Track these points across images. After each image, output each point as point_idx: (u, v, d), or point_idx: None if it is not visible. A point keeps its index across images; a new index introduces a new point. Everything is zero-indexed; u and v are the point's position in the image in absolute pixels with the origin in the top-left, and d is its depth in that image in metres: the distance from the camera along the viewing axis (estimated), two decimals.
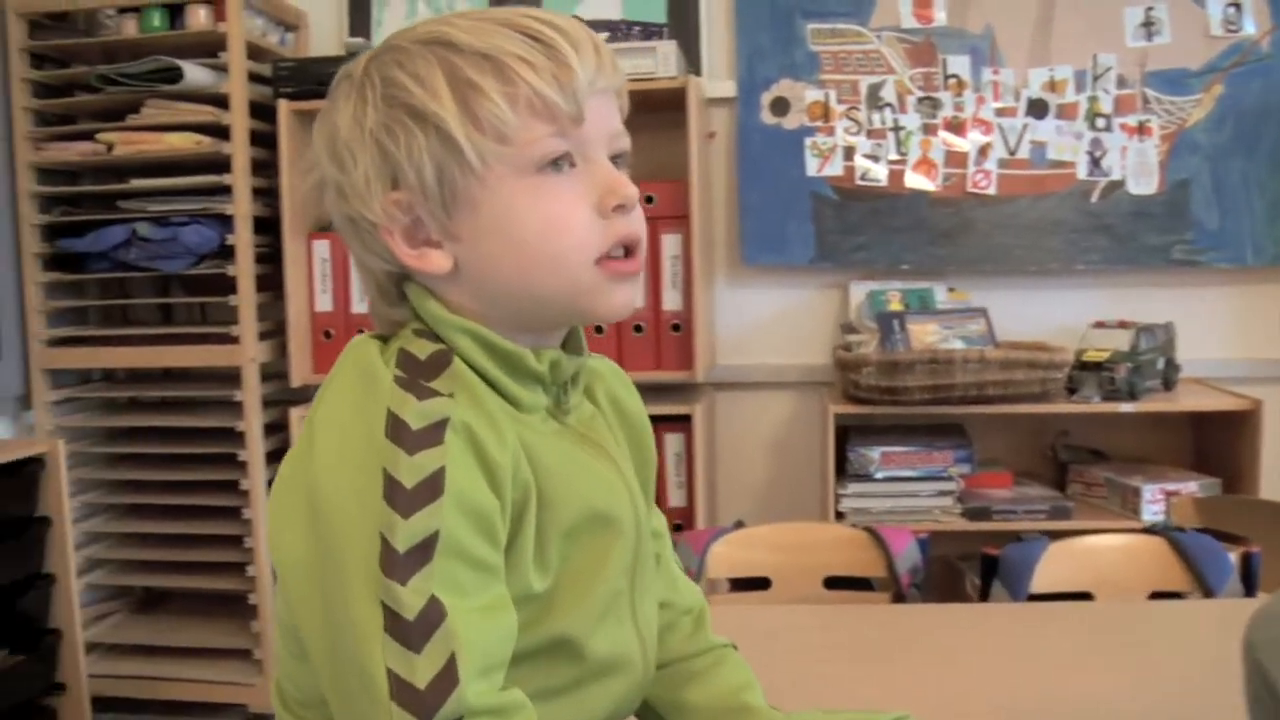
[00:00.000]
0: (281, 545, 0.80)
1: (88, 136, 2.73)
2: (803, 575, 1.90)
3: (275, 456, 2.80)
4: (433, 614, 0.73)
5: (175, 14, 2.69)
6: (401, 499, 0.74)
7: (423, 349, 0.84)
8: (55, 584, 2.41)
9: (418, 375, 0.80)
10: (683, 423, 2.61)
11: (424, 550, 0.74)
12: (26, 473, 2.36)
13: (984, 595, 1.98)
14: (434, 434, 0.76)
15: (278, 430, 2.83)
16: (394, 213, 0.84)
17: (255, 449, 2.71)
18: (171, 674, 2.81)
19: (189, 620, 2.98)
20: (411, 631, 0.73)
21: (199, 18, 2.65)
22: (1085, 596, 1.74)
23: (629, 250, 0.86)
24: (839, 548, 1.91)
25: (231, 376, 2.74)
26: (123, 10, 2.73)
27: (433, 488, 0.74)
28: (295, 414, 2.71)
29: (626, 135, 0.89)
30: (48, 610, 2.41)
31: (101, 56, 2.81)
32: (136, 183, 2.74)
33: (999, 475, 2.72)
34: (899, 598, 1.84)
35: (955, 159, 2.83)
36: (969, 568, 2.67)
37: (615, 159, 0.88)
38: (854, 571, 1.90)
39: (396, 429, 0.76)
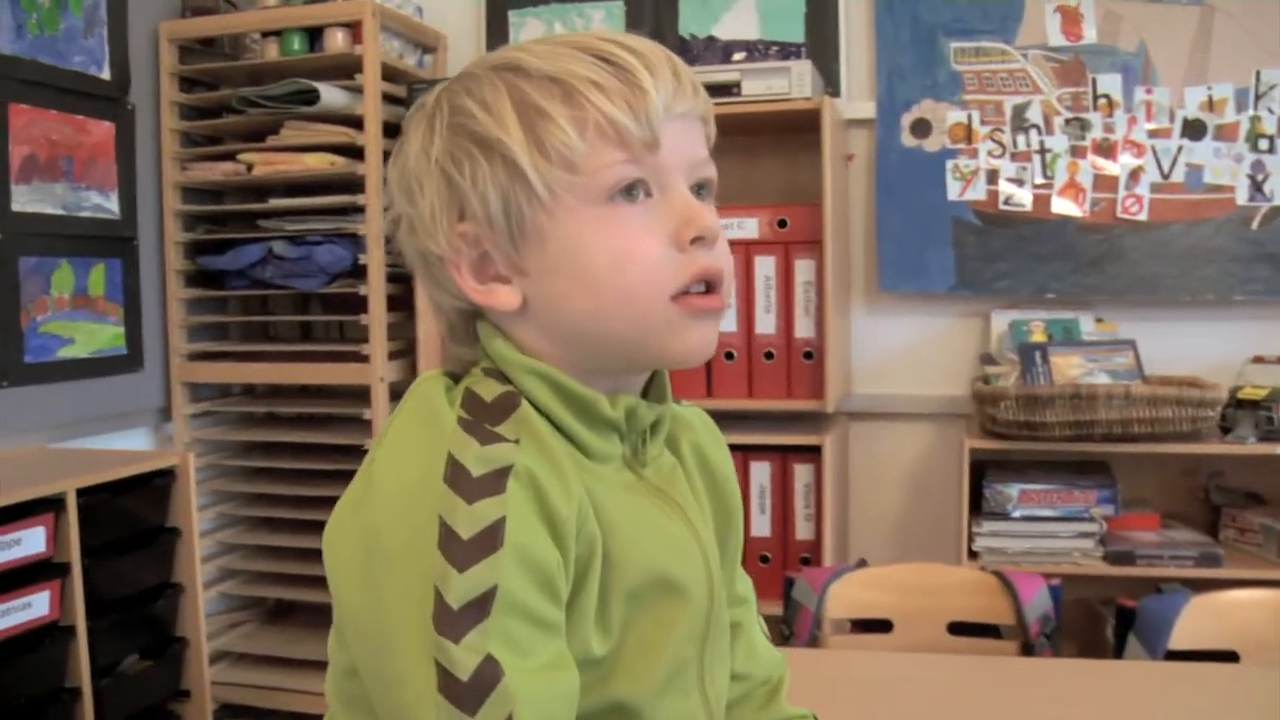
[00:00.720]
0: (338, 591, 0.76)
1: (231, 157, 2.79)
2: (926, 619, 1.82)
3: None
4: (488, 674, 0.68)
5: (315, 37, 2.73)
6: (457, 550, 0.69)
7: (490, 390, 0.79)
8: (183, 593, 2.45)
9: (483, 418, 0.76)
10: (813, 453, 2.54)
11: (480, 606, 0.69)
12: (158, 484, 2.40)
13: (1118, 650, 1.88)
14: (496, 482, 0.72)
15: None
16: (459, 245, 0.81)
17: None
18: (294, 685, 2.84)
19: (316, 632, 3.02)
20: (465, 692, 0.68)
21: (337, 40, 2.68)
22: (1230, 657, 1.63)
23: (710, 286, 0.81)
24: (965, 591, 1.83)
25: (363, 394, 2.77)
26: (265, 34, 2.78)
27: (491, 539, 0.70)
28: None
29: (711, 164, 0.84)
30: (175, 618, 2.45)
31: (248, 79, 2.87)
32: (274, 202, 2.79)
33: (1145, 517, 2.58)
34: (1027, 648, 1.76)
35: (1105, 183, 2.71)
36: (1110, 612, 2.55)
37: (698, 189, 0.83)
38: (980, 618, 1.82)
39: (456, 475, 0.72)
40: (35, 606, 2.08)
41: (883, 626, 1.83)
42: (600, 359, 0.82)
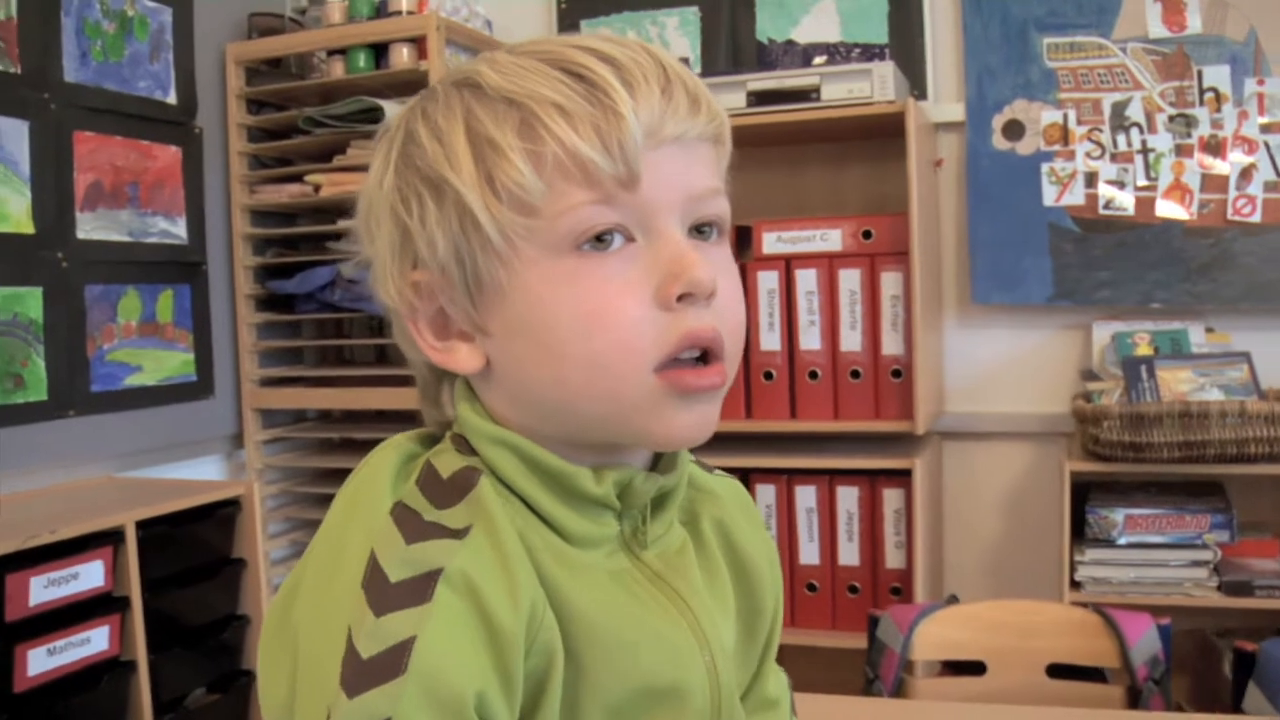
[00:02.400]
0: (265, 690, 0.66)
1: (299, 179, 2.74)
2: (1023, 661, 1.68)
3: None
4: None
5: (381, 53, 2.67)
6: (352, 671, 0.58)
7: (449, 464, 0.68)
8: (249, 625, 2.39)
9: (434, 500, 0.65)
10: (903, 477, 2.40)
11: None
12: (224, 514, 2.35)
13: (1236, 700, 1.71)
14: (417, 589, 0.60)
15: None
16: (412, 298, 0.69)
17: None
18: None
19: None
20: None
21: (402, 56, 2.62)
22: None
23: (707, 355, 0.67)
24: (1065, 631, 1.69)
25: None
26: (331, 52, 2.73)
27: (393, 662, 0.58)
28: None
29: (719, 198, 0.70)
30: (242, 651, 2.40)
31: (316, 99, 2.82)
32: (342, 224, 2.73)
33: (1263, 543, 2.38)
34: (1134, 693, 1.60)
35: (1213, 183, 2.52)
36: (1227, 645, 2.36)
37: (701, 229, 0.69)
38: (1082, 660, 1.67)
39: (373, 579, 0.60)
40: (94, 642, 2.04)
41: (975, 669, 1.69)
42: (576, 432, 0.69)
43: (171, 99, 2.62)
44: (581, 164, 0.64)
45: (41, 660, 1.93)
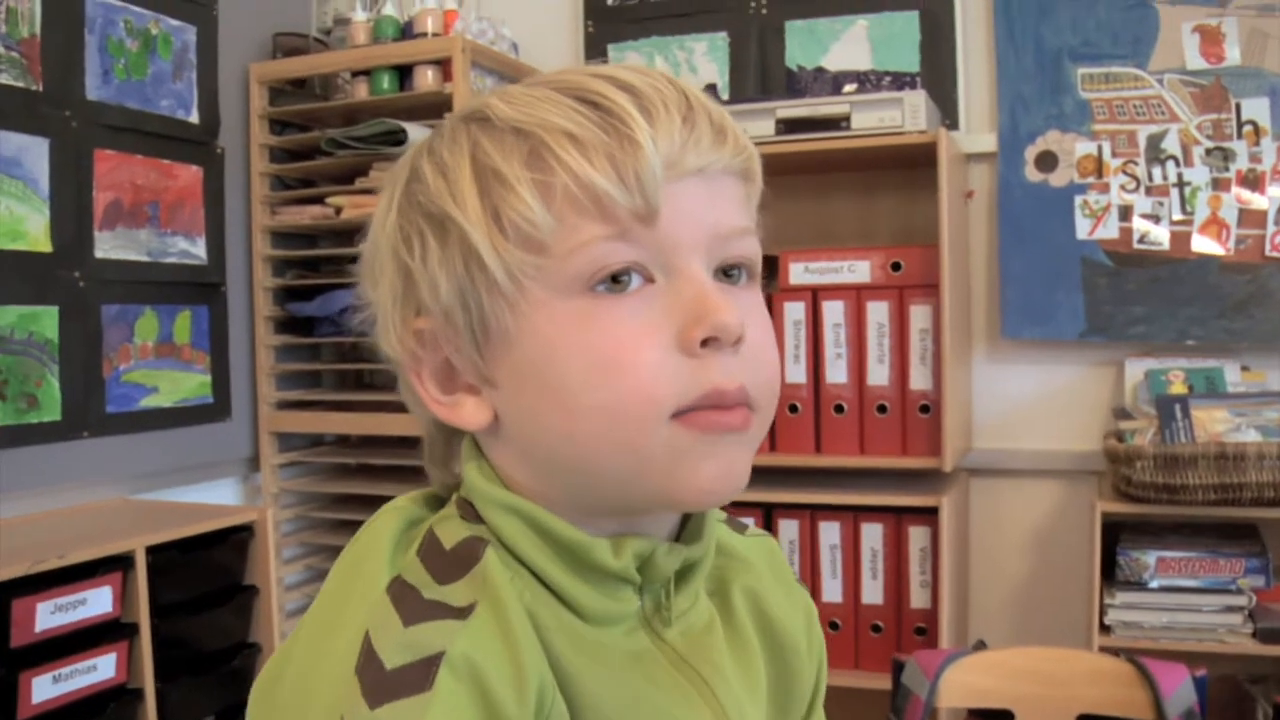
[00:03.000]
0: None
1: (321, 200, 2.71)
2: (1052, 710, 1.63)
3: None
4: None
5: (406, 75, 2.65)
6: None
7: (453, 533, 0.62)
8: (260, 654, 2.35)
9: (435, 573, 0.59)
10: (930, 515, 2.34)
11: None
12: (237, 539, 2.31)
13: None
14: (417, 676, 0.54)
15: None
16: (415, 347, 0.64)
17: None
18: None
19: None
20: None
21: (427, 79, 2.59)
22: None
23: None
24: (1097, 680, 1.63)
25: None
26: (356, 74, 2.70)
27: None
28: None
29: (748, 238, 0.64)
30: (252, 680, 2.35)
31: (339, 120, 2.80)
32: (363, 247, 2.70)
33: None
34: None
35: (1251, 218, 2.47)
36: (1262, 693, 2.30)
37: (729, 271, 0.64)
38: (1114, 710, 1.61)
39: (368, 665, 0.55)
40: (101, 669, 2.00)
41: (1003, 717, 1.64)
42: (592, 494, 0.63)
43: (194, 118, 2.60)
44: (595, 196, 0.59)
45: (46, 688, 1.89)
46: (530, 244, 0.60)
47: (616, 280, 0.60)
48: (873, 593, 2.40)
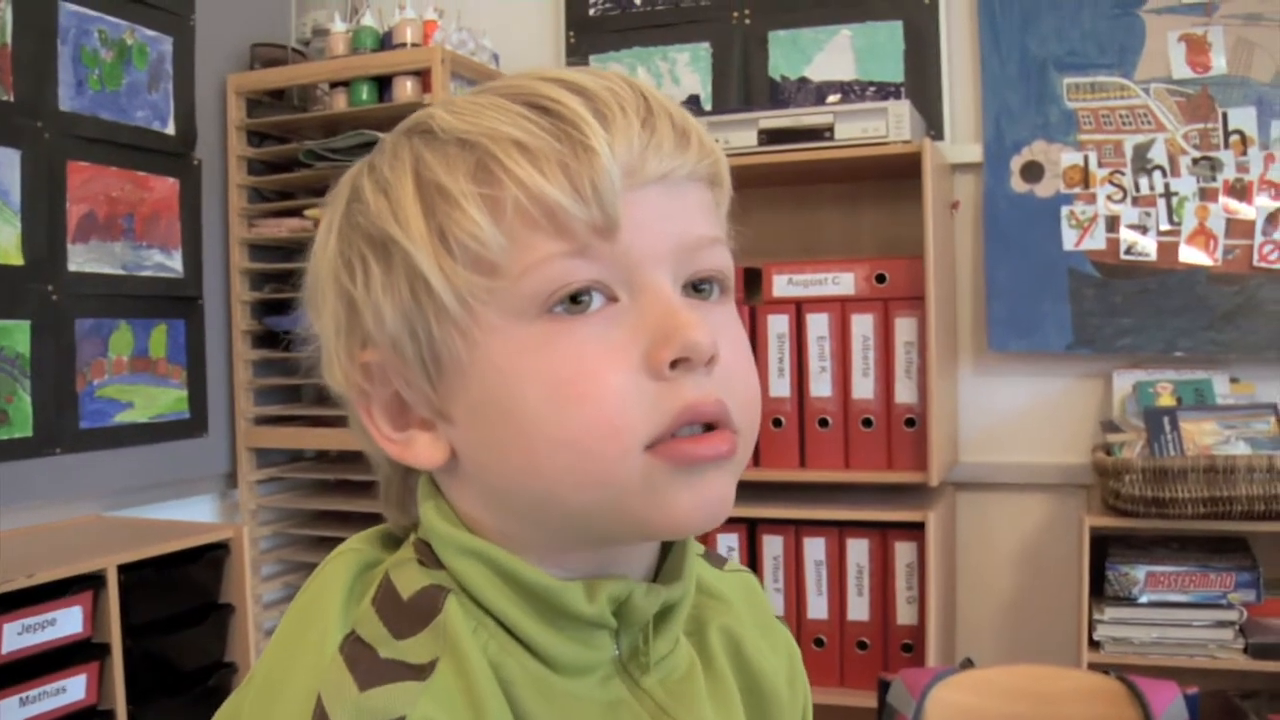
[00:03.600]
0: None
1: (299, 213, 2.68)
2: None
3: None
4: None
5: (384, 87, 2.62)
6: None
7: (410, 581, 0.58)
8: (236, 673, 2.31)
9: (392, 627, 0.55)
10: (916, 530, 2.31)
11: None
12: (212, 557, 2.27)
13: None
14: None
15: None
16: (360, 381, 0.59)
17: None
18: None
19: None
20: None
21: (406, 90, 2.56)
22: None
23: (714, 425, 0.57)
24: (1086, 699, 1.61)
25: None
26: (334, 85, 2.67)
27: None
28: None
29: (718, 248, 0.60)
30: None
31: (318, 131, 2.76)
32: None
33: None
34: None
35: (1239, 229, 2.45)
36: (1254, 709, 2.27)
37: (698, 286, 0.59)
38: None
39: None
40: (70, 691, 1.96)
41: None
42: (561, 532, 0.59)
43: (170, 129, 2.56)
44: (548, 209, 0.54)
45: (13, 711, 1.85)
46: (480, 265, 0.55)
47: (576, 300, 0.55)
48: (858, 609, 2.37)
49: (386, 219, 0.57)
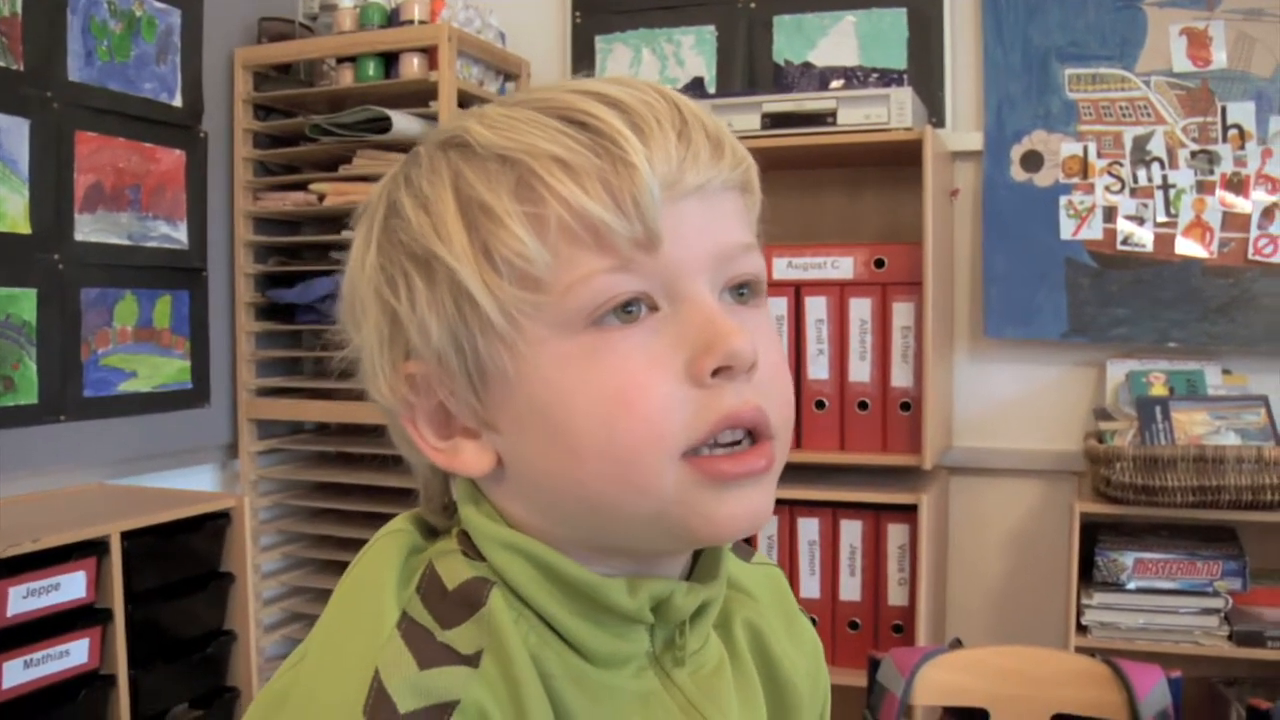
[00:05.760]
0: None
1: (303, 187, 2.69)
2: (1027, 710, 1.64)
3: None
4: None
5: (391, 62, 2.63)
6: None
7: (455, 572, 0.59)
8: (236, 641, 2.34)
9: (438, 615, 0.57)
10: (908, 512, 2.34)
11: None
12: (213, 526, 2.30)
13: None
14: None
15: None
16: (406, 393, 0.60)
17: None
18: None
19: None
20: None
21: (413, 66, 2.58)
22: None
23: (753, 434, 0.58)
24: (1072, 681, 1.64)
25: None
26: (341, 60, 2.69)
27: None
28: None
29: (753, 253, 0.61)
30: (227, 667, 2.34)
31: (324, 106, 2.78)
32: (345, 234, 2.68)
33: (1277, 592, 2.31)
34: None
35: (1235, 222, 2.47)
36: (1236, 696, 2.30)
37: (737, 290, 0.61)
38: (1088, 711, 1.62)
39: (378, 707, 0.52)
40: (73, 654, 1.98)
41: (978, 716, 1.64)
42: (605, 535, 0.60)
43: (177, 101, 2.58)
44: (591, 226, 0.55)
45: (18, 672, 1.88)
46: (525, 280, 0.56)
47: (620, 313, 0.57)
48: (850, 589, 2.40)
49: (429, 235, 0.58)
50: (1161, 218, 2.50)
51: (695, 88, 2.81)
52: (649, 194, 0.55)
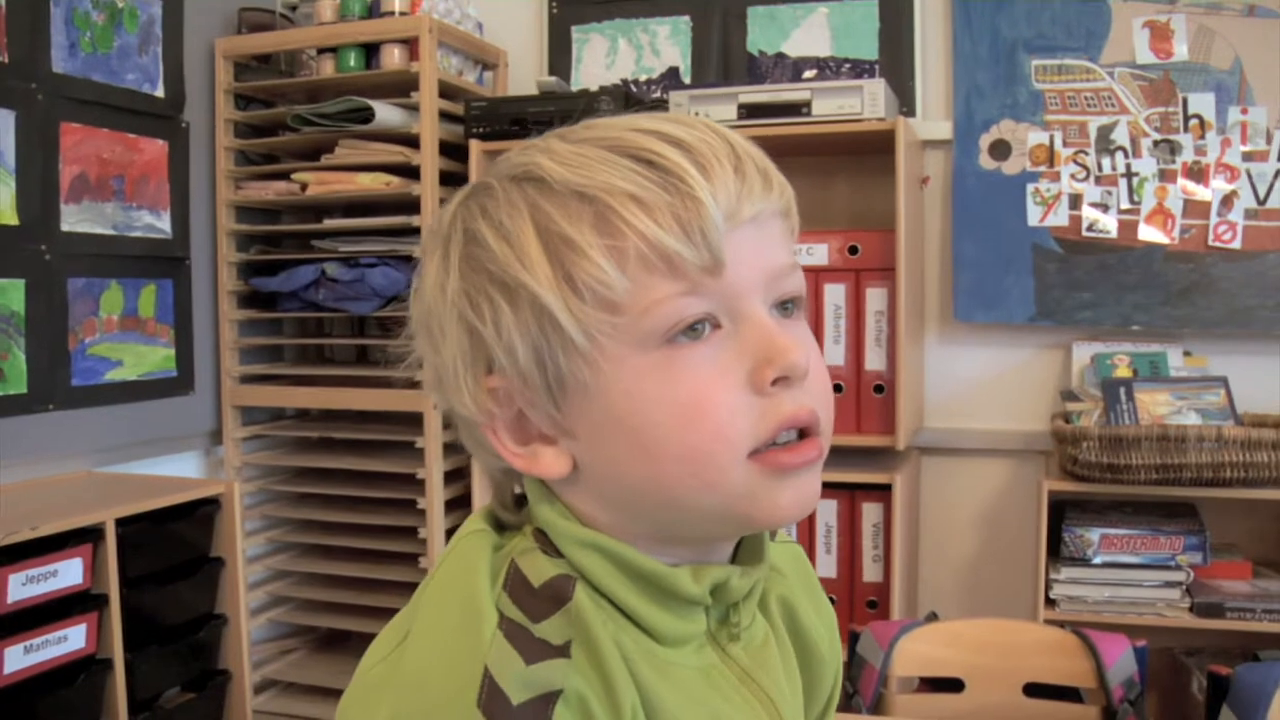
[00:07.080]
0: None
1: (285, 176, 2.72)
2: (1000, 679, 1.70)
3: (455, 504, 2.73)
4: None
5: (372, 53, 2.66)
6: None
7: (538, 570, 0.65)
8: (227, 625, 2.38)
9: (529, 612, 0.63)
10: (882, 492, 2.42)
11: None
12: (203, 512, 2.34)
13: None
14: (537, 712, 0.59)
15: (459, 478, 2.76)
16: (489, 405, 0.66)
17: (435, 496, 2.64)
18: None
19: None
20: None
21: (393, 57, 2.61)
22: None
23: (804, 432, 0.65)
24: (1043, 651, 1.70)
25: (416, 420, 2.69)
26: (321, 50, 2.71)
27: None
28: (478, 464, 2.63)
29: (796, 272, 0.68)
30: (219, 650, 2.39)
31: (305, 96, 2.81)
32: (328, 223, 2.72)
33: (1236, 565, 2.41)
34: (1109, 714, 1.62)
35: (1195, 209, 2.55)
36: (1197, 664, 2.39)
37: (784, 305, 0.67)
38: (1059, 680, 1.68)
39: (493, 701, 0.58)
40: (71, 640, 2.02)
41: (954, 686, 1.71)
42: (675, 528, 0.67)
43: (159, 92, 2.60)
44: (665, 256, 0.62)
45: (18, 658, 1.91)
46: (605, 304, 0.62)
47: (692, 330, 0.63)
48: (826, 567, 2.47)
49: (513, 264, 0.63)
50: (1125, 205, 2.58)
51: (670, 78, 2.85)
52: (714, 225, 0.62)
